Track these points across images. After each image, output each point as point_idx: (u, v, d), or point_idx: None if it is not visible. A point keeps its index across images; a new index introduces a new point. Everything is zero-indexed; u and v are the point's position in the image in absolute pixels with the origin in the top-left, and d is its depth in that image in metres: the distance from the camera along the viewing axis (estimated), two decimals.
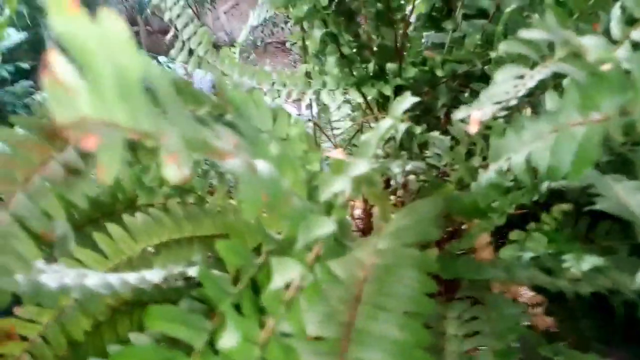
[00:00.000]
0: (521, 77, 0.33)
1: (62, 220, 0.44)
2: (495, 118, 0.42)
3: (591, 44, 0.29)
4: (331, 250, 0.28)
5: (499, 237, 0.56)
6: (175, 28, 0.70)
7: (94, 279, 0.33)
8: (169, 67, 1.71)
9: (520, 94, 0.36)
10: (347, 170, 0.26)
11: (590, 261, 0.30)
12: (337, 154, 0.45)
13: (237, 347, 0.21)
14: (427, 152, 0.61)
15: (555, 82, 0.44)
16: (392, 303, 0.29)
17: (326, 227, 0.23)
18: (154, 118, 0.16)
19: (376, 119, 0.70)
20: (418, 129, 0.60)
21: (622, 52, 0.36)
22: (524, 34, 0.30)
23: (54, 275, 0.30)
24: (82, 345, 0.42)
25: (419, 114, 0.71)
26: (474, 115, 0.41)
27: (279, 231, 0.30)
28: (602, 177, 0.39)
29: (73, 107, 0.13)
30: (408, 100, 0.33)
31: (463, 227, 0.55)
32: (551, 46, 0.30)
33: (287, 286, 0.26)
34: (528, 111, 0.47)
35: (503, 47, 0.32)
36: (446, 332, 0.50)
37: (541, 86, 0.44)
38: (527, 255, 0.42)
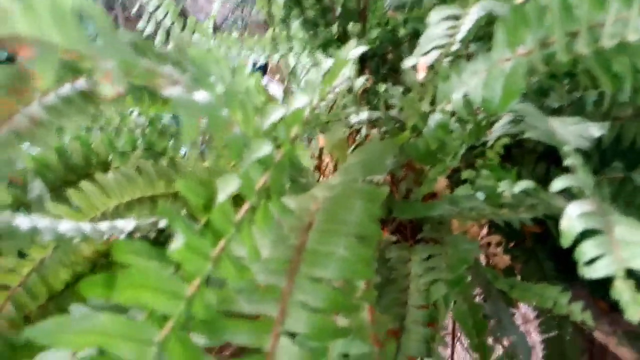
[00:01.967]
0: (456, 18, 0.36)
1: (37, 181, 0.46)
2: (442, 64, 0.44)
3: None
4: (279, 182, 0.30)
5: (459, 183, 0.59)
6: (141, 1, 0.71)
7: (65, 225, 0.35)
8: None
9: (460, 36, 0.38)
10: (287, 104, 0.28)
11: (521, 184, 0.33)
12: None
13: (189, 258, 0.24)
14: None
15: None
16: (340, 228, 0.32)
17: (264, 149, 0.25)
18: (88, 42, 0.18)
19: (349, 90, 0.72)
20: (382, 87, 0.62)
21: None
22: None
23: (27, 219, 0.32)
24: (65, 296, 0.44)
25: (385, 73, 0.74)
26: (420, 62, 0.43)
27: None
28: (543, 116, 0.42)
29: (8, 25, 0.15)
30: (353, 46, 0.36)
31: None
32: None
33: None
34: None
35: None
36: (410, 272, 0.53)
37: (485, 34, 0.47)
38: (479, 193, 0.45)
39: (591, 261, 0.24)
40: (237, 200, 0.30)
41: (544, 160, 0.65)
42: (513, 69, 0.33)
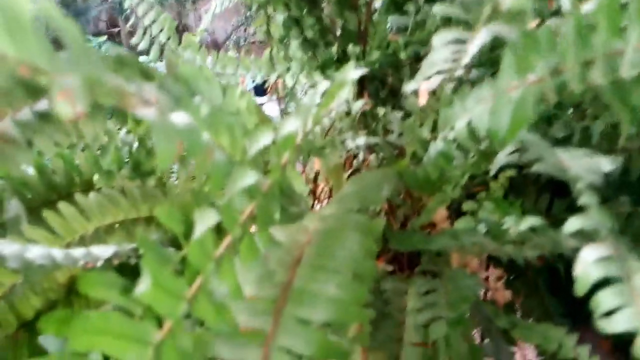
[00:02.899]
0: (461, 42, 0.34)
1: (14, 200, 0.43)
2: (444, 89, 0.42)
3: None
4: (267, 213, 0.28)
5: (460, 213, 0.56)
6: (136, 16, 0.69)
7: (34, 251, 0.33)
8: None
9: (464, 61, 0.36)
10: (278, 128, 0.26)
11: (528, 221, 0.31)
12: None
13: (160, 299, 0.21)
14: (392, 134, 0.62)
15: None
16: (331, 264, 0.29)
17: (249, 178, 0.23)
18: (49, 56, 0.16)
19: (347, 113, 0.70)
20: (382, 111, 0.60)
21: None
22: None
23: None
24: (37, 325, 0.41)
25: (384, 97, 0.72)
26: (422, 87, 0.41)
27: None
28: (549, 147, 0.40)
29: None
30: (352, 68, 0.34)
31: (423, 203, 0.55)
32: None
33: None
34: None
35: (436, 10, 0.32)
36: (407, 306, 0.51)
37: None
38: (481, 226, 0.43)
39: (609, 313, 0.22)
40: (221, 230, 0.28)
41: (547, 190, 0.63)
42: (522, 97, 0.31)
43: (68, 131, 0.34)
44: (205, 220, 0.21)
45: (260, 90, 1.29)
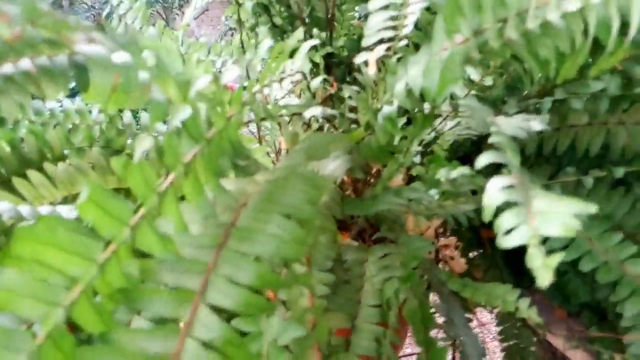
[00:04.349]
0: (397, 6, 0.36)
1: None
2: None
3: None
4: (212, 159, 0.30)
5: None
6: (111, 6, 0.71)
7: (1, 206, 0.35)
8: None
9: (407, 30, 0.39)
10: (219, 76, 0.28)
11: (458, 170, 0.33)
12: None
13: (102, 220, 0.24)
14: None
15: None
16: (274, 207, 0.31)
17: (185, 111, 0.25)
18: None
19: (308, 88, 0.73)
20: (347, 92, 0.63)
21: None
22: None
23: None
24: None
25: (350, 82, 0.74)
26: (369, 58, 0.44)
27: None
28: (486, 109, 0.43)
29: None
30: (300, 35, 0.36)
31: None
32: None
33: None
34: None
35: None
36: (365, 273, 0.53)
37: None
38: (433, 191, 0.46)
39: (508, 232, 0.25)
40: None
41: (504, 167, 0.66)
42: (450, 57, 0.34)
43: (28, 93, 0.36)
44: (142, 145, 0.24)
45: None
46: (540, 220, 0.24)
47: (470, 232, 0.68)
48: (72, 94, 0.59)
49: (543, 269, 0.23)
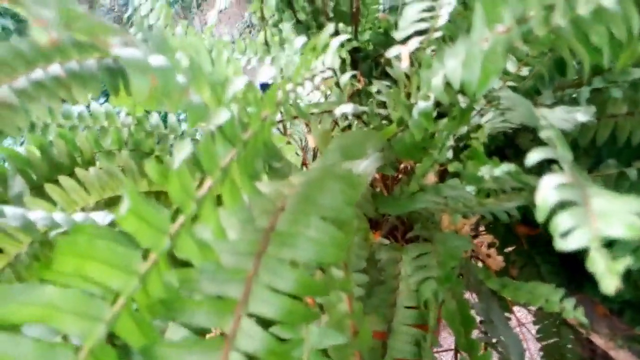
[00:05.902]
0: None
1: (18, 178, 0.45)
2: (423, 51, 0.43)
3: None
4: (248, 161, 0.29)
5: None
6: (133, 7, 0.71)
7: (36, 214, 0.34)
8: None
9: (441, 21, 0.38)
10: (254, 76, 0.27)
11: (503, 167, 0.32)
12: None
13: (142, 230, 0.23)
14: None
15: None
16: (312, 209, 0.30)
17: (223, 115, 0.24)
18: None
19: (337, 84, 0.72)
20: (374, 88, 0.62)
21: None
22: None
23: None
24: None
25: (377, 76, 0.73)
26: (402, 51, 0.42)
27: None
28: (526, 101, 0.41)
29: None
30: (331, 30, 0.35)
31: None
32: None
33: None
34: None
35: None
36: (400, 272, 0.52)
37: None
38: (469, 188, 0.44)
39: (566, 233, 0.23)
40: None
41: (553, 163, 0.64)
42: (491, 48, 0.32)
43: (59, 98, 0.35)
44: (181, 151, 0.23)
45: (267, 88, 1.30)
46: (602, 221, 0.22)
47: (504, 228, 0.66)
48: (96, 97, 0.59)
49: (608, 274, 0.21)
